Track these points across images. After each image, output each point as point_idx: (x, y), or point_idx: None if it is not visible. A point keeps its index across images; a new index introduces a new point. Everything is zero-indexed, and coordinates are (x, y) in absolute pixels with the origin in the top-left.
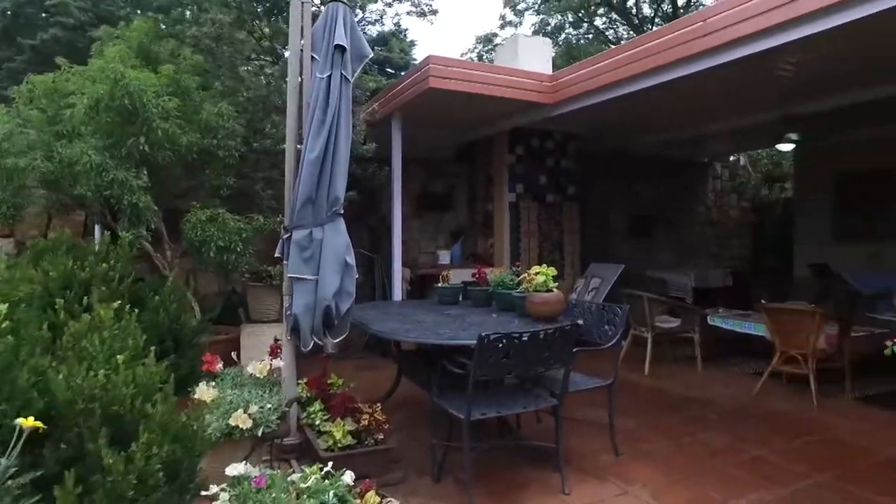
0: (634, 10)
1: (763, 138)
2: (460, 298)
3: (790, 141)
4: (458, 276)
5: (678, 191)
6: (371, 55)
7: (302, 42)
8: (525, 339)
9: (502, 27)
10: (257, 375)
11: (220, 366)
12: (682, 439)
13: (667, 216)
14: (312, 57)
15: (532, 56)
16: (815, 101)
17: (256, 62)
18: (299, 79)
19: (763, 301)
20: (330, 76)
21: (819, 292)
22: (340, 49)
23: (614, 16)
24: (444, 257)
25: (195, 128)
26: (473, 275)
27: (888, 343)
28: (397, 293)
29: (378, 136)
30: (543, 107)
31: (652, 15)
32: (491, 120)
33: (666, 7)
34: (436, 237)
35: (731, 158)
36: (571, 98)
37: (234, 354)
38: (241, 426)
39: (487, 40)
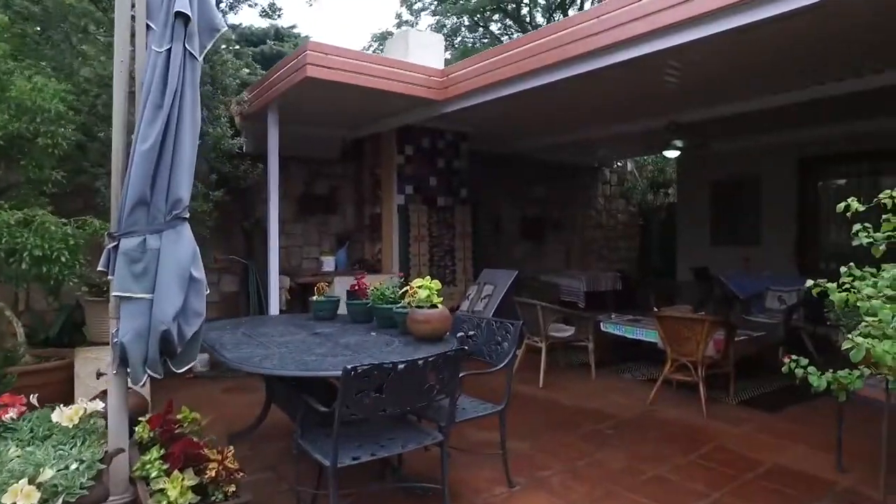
0: (528, 19)
1: (652, 145)
2: (339, 312)
3: (676, 148)
4: (344, 285)
5: (569, 194)
6: (225, 28)
7: (134, 7)
8: (401, 368)
9: (398, 25)
10: (65, 424)
11: (12, 413)
12: (579, 462)
13: (558, 219)
14: (148, 26)
15: (423, 51)
16: (697, 110)
17: (102, 38)
18: (130, 48)
19: (655, 308)
20: (169, 50)
21: (702, 295)
22: (183, 18)
23: (509, 22)
24: (329, 264)
25: (2, 107)
26: (353, 286)
27: (786, 360)
28: (274, 305)
29: (254, 132)
30: (433, 104)
31: (545, 24)
32: (378, 116)
33: (558, 18)
34: (320, 242)
35: (618, 164)
36: (462, 95)
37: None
38: None
39: (383, 38)
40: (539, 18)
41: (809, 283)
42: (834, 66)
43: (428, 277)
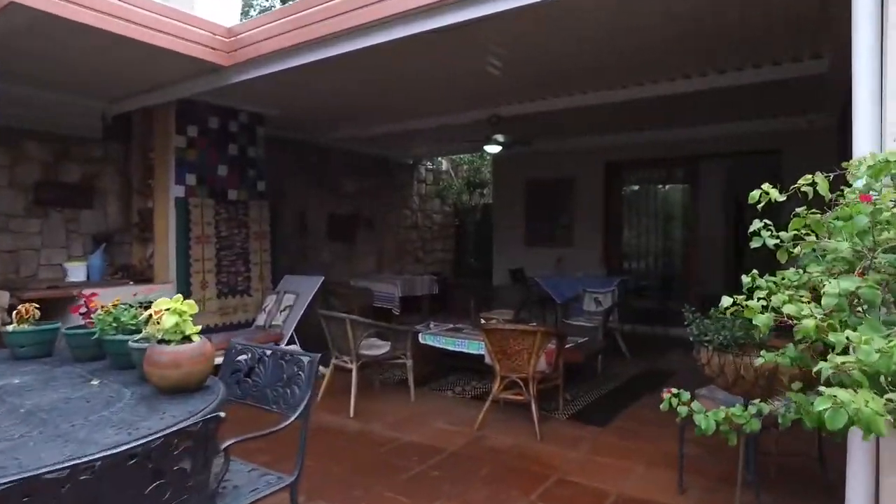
0: None
1: (473, 140)
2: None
3: (498, 143)
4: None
5: (384, 191)
6: None
7: None
8: (98, 467)
9: None
10: None
11: None
12: None
13: (371, 218)
14: None
15: (213, 4)
16: (522, 103)
17: None
18: None
19: (482, 320)
20: None
21: (521, 298)
22: None
23: None
24: (78, 272)
25: None
26: (76, 307)
27: (664, 394)
28: None
29: None
30: (221, 71)
31: None
32: (150, 85)
33: None
34: (69, 244)
35: (431, 166)
36: (253, 61)
37: None
38: None
39: None
40: None
41: (726, 301)
42: (634, 70)
43: (179, 297)
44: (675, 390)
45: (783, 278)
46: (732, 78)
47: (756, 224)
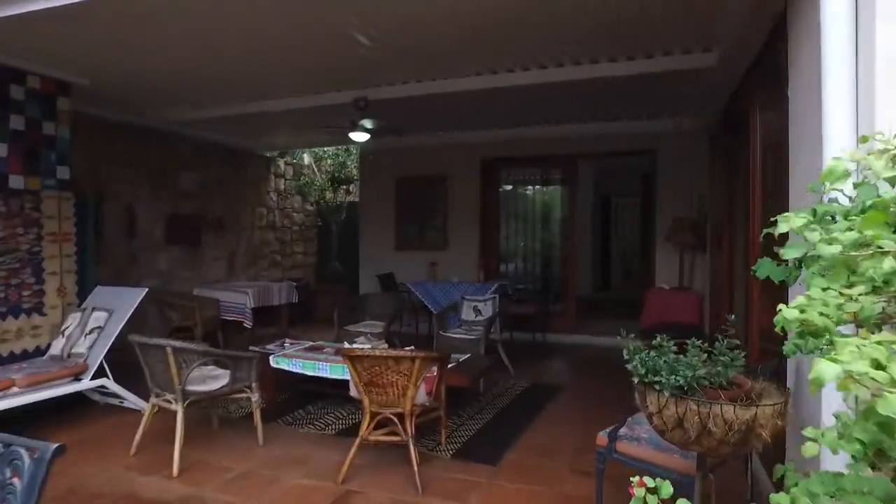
0: None
1: (336, 127)
2: None
3: (364, 130)
4: None
5: (236, 187)
6: None
7: None
8: None
9: None
10: None
11: None
12: None
13: (221, 218)
14: None
15: None
16: (389, 86)
17: None
18: None
19: (347, 343)
20: None
21: (393, 307)
22: None
23: None
24: None
25: None
26: None
27: (633, 489)
28: None
29: None
30: None
31: None
32: None
33: None
34: None
35: (291, 159)
36: None
37: None
38: None
39: None
40: None
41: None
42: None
43: None
44: (648, 481)
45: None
46: (624, 67)
47: (796, 220)
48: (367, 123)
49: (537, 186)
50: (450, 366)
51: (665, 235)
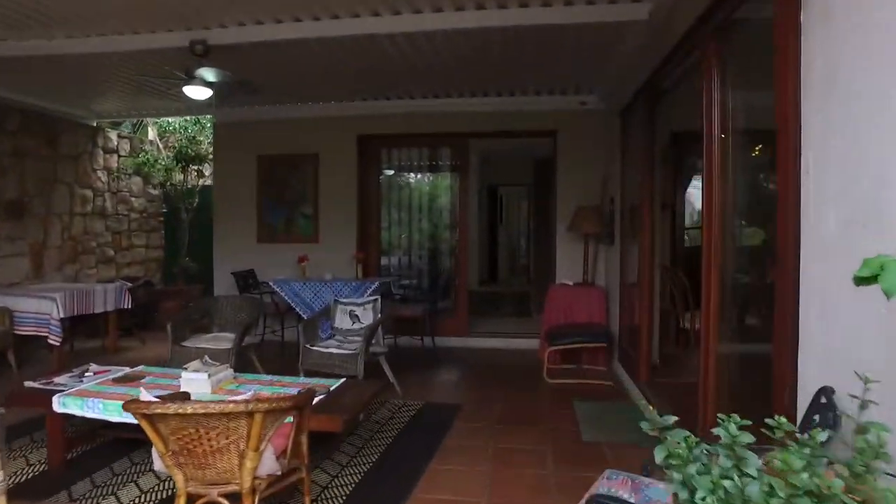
0: None
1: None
2: None
3: (204, 83)
4: None
5: (45, 163)
6: None
7: None
8: None
9: None
10: None
11: None
12: None
13: (23, 201)
14: None
15: None
16: (237, 27)
17: None
18: None
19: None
20: None
21: (249, 314)
22: None
23: None
24: None
25: None
26: None
27: None
28: None
29: None
30: None
31: None
32: None
33: None
34: None
35: (127, 132)
36: None
37: None
38: None
39: None
40: None
41: None
42: None
43: None
44: None
45: None
46: (539, 15)
47: None
48: (208, 74)
49: (424, 174)
50: (317, 399)
51: (567, 225)
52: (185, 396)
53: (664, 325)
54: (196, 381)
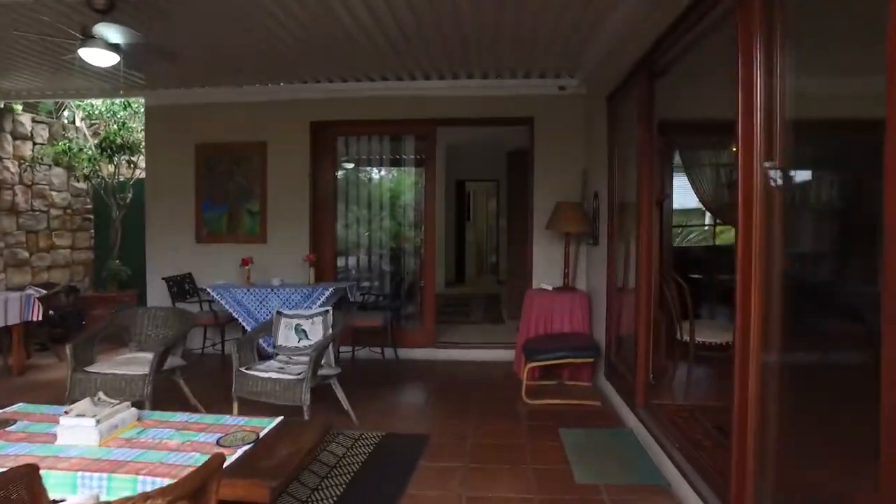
0: None
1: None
2: None
3: (105, 43)
4: None
5: None
6: None
7: None
8: None
9: None
10: None
11: None
12: None
13: None
14: None
15: None
16: None
17: None
18: None
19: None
20: None
21: (177, 331)
22: None
23: None
24: None
25: None
26: None
27: None
28: None
29: None
30: None
31: None
32: None
33: None
34: None
35: (46, 117)
36: None
37: None
38: None
39: None
40: None
41: None
42: None
43: None
44: None
45: None
46: None
47: None
48: (108, 32)
49: (386, 165)
50: (242, 451)
51: (545, 223)
52: (31, 471)
53: (656, 336)
54: (79, 430)
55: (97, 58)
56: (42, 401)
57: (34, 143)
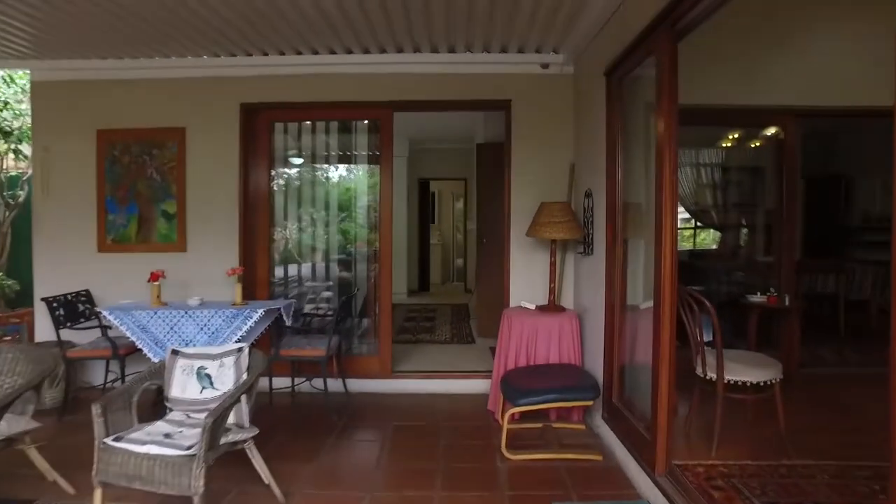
0: None
1: None
2: None
3: None
4: None
5: None
6: None
7: None
8: None
9: None
10: None
11: None
12: None
13: None
14: None
15: None
16: None
17: None
18: None
19: None
20: None
21: (33, 374)
22: None
23: None
24: None
25: None
26: None
27: None
28: None
29: None
30: None
31: None
32: None
33: None
34: None
35: None
36: None
37: None
38: None
39: None
40: None
41: None
42: None
43: None
44: None
45: None
46: None
47: None
48: None
49: (333, 155)
50: None
51: (526, 229)
52: None
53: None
54: None
55: None
56: None
57: None
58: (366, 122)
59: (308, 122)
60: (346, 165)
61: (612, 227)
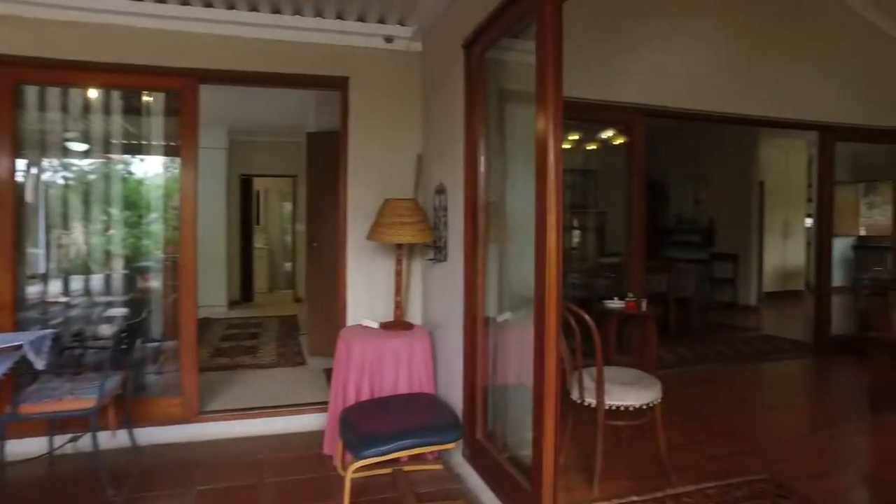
0: None
1: None
2: None
3: None
4: None
5: None
6: None
7: None
8: None
9: None
10: None
11: None
12: None
13: None
14: None
15: None
16: None
17: None
18: None
19: None
20: None
21: None
22: None
23: None
24: None
25: None
26: None
27: None
28: None
29: None
30: None
31: None
32: None
33: None
34: None
35: None
36: None
37: None
38: None
39: None
40: None
41: None
42: None
43: None
44: None
45: None
46: None
47: None
48: None
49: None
50: None
51: (366, 232)
52: None
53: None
54: None
55: None
56: None
57: None
58: (163, 97)
59: (79, 92)
60: (140, 156)
61: (472, 229)
